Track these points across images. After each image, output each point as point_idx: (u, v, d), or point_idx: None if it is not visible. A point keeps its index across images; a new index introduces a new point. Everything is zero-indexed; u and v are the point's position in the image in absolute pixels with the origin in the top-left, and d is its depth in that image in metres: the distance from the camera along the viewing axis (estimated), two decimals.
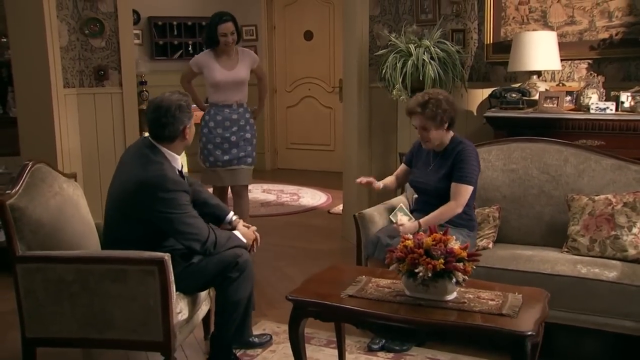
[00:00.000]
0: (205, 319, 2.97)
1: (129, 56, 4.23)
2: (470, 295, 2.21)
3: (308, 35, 7.84)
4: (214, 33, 4.01)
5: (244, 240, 2.71)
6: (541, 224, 3.17)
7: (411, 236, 2.23)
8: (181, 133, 2.56)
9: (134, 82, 4.30)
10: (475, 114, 4.28)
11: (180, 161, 2.65)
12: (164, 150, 2.57)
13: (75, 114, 4.10)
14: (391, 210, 3.07)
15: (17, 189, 2.50)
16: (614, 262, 2.78)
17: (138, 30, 7.47)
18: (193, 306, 2.66)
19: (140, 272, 2.38)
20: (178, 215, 2.48)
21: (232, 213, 2.90)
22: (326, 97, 7.80)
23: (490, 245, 3.13)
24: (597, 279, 2.66)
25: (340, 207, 5.32)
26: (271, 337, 3.03)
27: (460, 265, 2.12)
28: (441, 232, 2.20)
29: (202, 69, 4.08)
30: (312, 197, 6.40)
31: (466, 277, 2.13)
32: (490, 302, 2.16)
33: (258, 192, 6.66)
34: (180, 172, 2.65)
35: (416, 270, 2.11)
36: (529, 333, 1.94)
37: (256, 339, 2.94)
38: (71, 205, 2.74)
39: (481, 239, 3.14)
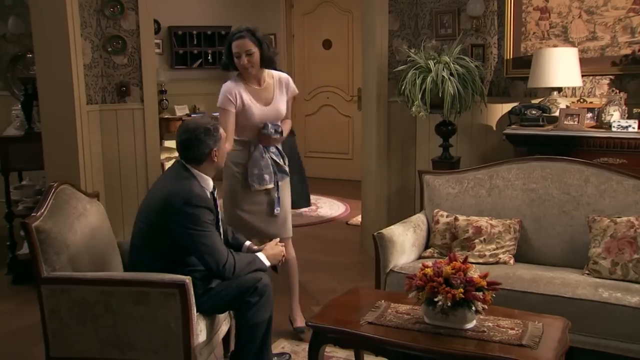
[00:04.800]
0: (225, 338, 3.00)
1: (150, 72, 4.28)
2: (490, 324, 2.21)
3: (327, 44, 7.86)
4: (229, 51, 3.16)
5: (267, 264, 2.73)
6: (561, 244, 3.15)
7: (430, 264, 2.24)
8: (208, 156, 2.61)
9: (155, 98, 4.35)
10: (494, 129, 4.27)
11: (211, 183, 2.69)
12: (195, 171, 2.63)
13: (97, 130, 4.16)
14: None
15: (42, 211, 2.55)
16: (636, 286, 2.75)
17: (158, 39, 7.56)
18: (213, 327, 2.68)
19: (162, 295, 2.42)
20: (198, 232, 2.51)
21: (248, 242, 2.92)
22: (345, 105, 7.81)
23: (512, 262, 3.12)
24: (619, 304, 2.63)
25: (359, 218, 5.32)
26: (290, 356, 3.06)
27: (480, 294, 2.12)
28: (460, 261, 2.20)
29: (242, 103, 3.15)
30: (330, 208, 6.42)
31: (485, 307, 2.13)
32: (510, 332, 2.15)
33: None
34: (212, 193, 2.69)
35: (435, 299, 2.12)
36: None
37: (275, 358, 2.96)
38: (95, 226, 2.79)
39: (503, 250, 3.14)
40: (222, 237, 2.73)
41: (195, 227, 2.50)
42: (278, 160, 3.25)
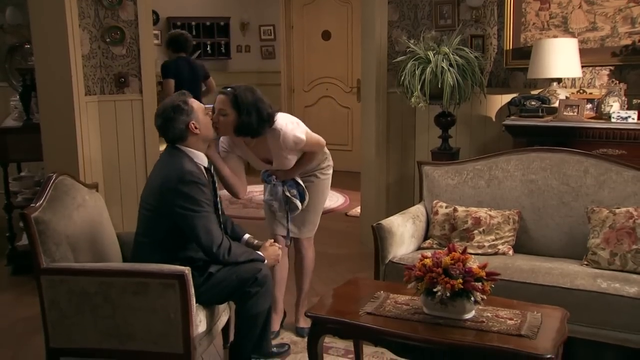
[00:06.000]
0: (225, 328, 3.01)
1: (149, 63, 4.27)
2: (489, 314, 2.21)
3: (326, 35, 7.83)
4: None
5: (266, 260, 2.73)
6: (560, 235, 3.15)
7: (429, 254, 2.24)
8: (187, 131, 2.61)
9: (154, 89, 4.33)
10: (494, 120, 4.26)
11: (205, 158, 2.70)
12: (185, 149, 2.64)
13: (96, 121, 4.15)
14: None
15: (41, 202, 2.56)
16: (634, 276, 2.76)
17: (157, 30, 7.53)
18: (212, 317, 2.69)
19: (161, 286, 2.42)
20: (193, 213, 2.51)
21: (247, 235, 2.92)
22: (344, 97, 7.80)
23: (511, 252, 3.13)
24: (617, 294, 2.64)
25: (358, 209, 5.33)
26: (289, 347, 3.07)
27: (479, 285, 2.12)
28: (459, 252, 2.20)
29: (240, 152, 3.06)
30: (329, 199, 6.40)
31: (484, 297, 2.14)
32: (509, 322, 2.16)
33: None
34: (208, 169, 2.70)
35: (434, 290, 2.12)
36: (548, 356, 1.94)
37: (275, 348, 2.97)
38: (94, 217, 2.79)
39: (502, 241, 3.14)
40: (220, 216, 2.73)
41: (190, 206, 2.51)
42: (289, 195, 3.10)
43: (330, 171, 3.27)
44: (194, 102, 2.67)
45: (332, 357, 2.97)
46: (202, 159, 2.67)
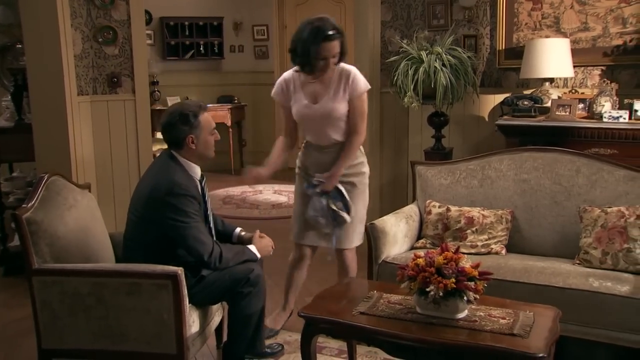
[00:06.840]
0: (218, 328, 3.01)
1: (142, 63, 4.25)
2: (482, 313, 2.22)
3: None
4: (308, 54, 2.80)
5: (258, 255, 2.73)
6: (553, 234, 3.16)
7: (422, 254, 2.24)
8: (184, 142, 2.59)
9: (147, 89, 4.32)
10: (486, 119, 4.27)
11: (199, 171, 2.69)
12: (181, 159, 2.63)
13: (88, 122, 4.13)
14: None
15: (33, 202, 2.55)
16: (626, 275, 2.78)
17: (150, 30, 7.52)
18: (205, 318, 2.69)
19: (154, 286, 2.42)
20: (181, 224, 2.51)
21: (238, 229, 2.91)
22: None
23: (503, 252, 3.14)
24: (609, 293, 2.65)
25: None
26: (283, 347, 3.06)
27: (472, 284, 2.13)
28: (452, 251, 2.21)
29: (289, 96, 2.99)
30: None
31: (477, 296, 2.14)
32: (501, 321, 2.16)
33: (269, 193, 6.69)
34: (201, 182, 2.68)
35: (427, 289, 2.12)
36: (541, 355, 1.95)
37: (268, 349, 2.96)
38: (86, 217, 2.78)
39: (495, 240, 3.15)
40: (212, 228, 2.73)
41: (179, 217, 2.50)
42: (335, 208, 2.98)
43: (367, 179, 3.16)
44: (204, 118, 2.61)
45: (326, 357, 2.97)
46: (195, 171, 2.66)
